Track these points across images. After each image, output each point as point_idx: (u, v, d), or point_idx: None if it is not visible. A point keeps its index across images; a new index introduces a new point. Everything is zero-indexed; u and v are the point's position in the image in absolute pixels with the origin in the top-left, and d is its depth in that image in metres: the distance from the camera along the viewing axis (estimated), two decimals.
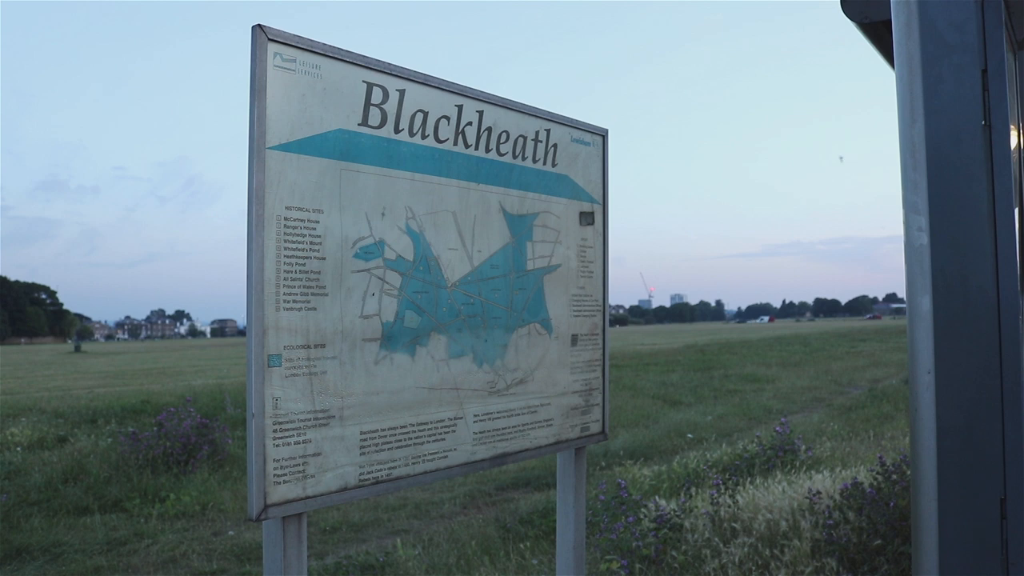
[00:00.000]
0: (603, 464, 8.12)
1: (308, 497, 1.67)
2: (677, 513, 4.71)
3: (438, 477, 1.99)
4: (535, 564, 4.87)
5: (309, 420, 1.67)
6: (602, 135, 2.53)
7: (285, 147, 1.63)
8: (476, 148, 2.10)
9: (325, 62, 1.71)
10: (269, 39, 1.60)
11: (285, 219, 1.63)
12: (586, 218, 2.48)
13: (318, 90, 1.70)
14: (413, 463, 1.91)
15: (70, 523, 6.36)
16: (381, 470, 1.83)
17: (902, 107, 1.55)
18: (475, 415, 2.08)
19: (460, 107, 2.04)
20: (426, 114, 1.95)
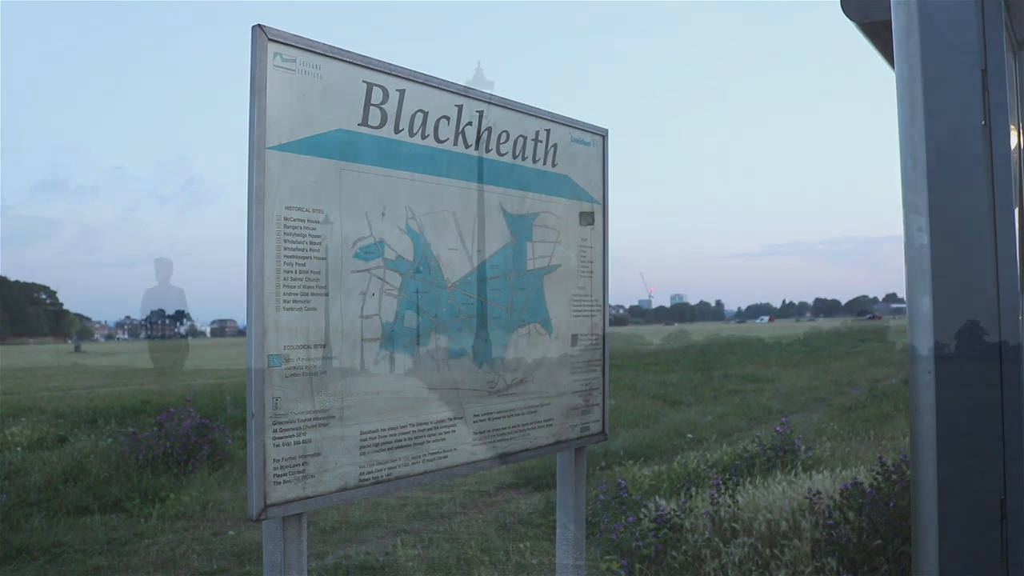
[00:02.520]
0: (603, 464, 8.12)
1: (308, 497, 1.67)
2: (677, 513, 4.70)
3: (438, 477, 1.99)
4: (535, 564, 4.87)
5: (309, 420, 1.68)
6: (602, 135, 2.53)
7: (285, 147, 1.63)
8: (476, 148, 2.10)
9: (325, 62, 1.71)
10: (269, 39, 1.60)
11: (285, 219, 1.63)
12: (586, 218, 2.48)
13: (318, 90, 1.70)
14: (413, 463, 1.91)
15: (70, 523, 6.36)
16: (381, 470, 1.83)
17: (902, 107, 1.55)
18: (475, 415, 2.08)
19: (460, 107, 2.04)
20: (426, 114, 1.95)
